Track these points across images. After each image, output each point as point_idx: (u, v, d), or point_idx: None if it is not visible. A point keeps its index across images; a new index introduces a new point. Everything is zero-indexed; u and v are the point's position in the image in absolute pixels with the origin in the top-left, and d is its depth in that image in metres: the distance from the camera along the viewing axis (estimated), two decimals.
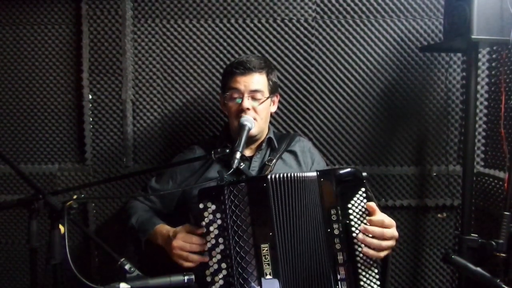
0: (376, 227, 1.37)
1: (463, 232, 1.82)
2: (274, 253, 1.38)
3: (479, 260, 1.66)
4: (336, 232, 1.38)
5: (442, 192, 2.11)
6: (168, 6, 2.09)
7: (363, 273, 1.38)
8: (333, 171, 1.45)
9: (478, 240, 1.71)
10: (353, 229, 1.38)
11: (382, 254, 1.38)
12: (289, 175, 1.43)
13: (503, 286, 1.22)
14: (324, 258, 1.39)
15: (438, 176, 2.11)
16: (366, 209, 1.39)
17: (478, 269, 1.30)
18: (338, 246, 1.38)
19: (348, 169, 1.43)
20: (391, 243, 1.39)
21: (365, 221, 1.39)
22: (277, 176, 1.42)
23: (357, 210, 1.39)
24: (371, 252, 1.36)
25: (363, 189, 1.40)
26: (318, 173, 1.43)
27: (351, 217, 1.38)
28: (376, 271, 1.39)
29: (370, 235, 1.37)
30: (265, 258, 1.38)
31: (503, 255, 1.53)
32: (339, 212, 1.39)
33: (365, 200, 1.39)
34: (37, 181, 2.15)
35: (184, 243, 1.45)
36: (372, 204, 1.39)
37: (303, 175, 1.43)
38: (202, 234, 1.44)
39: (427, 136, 2.11)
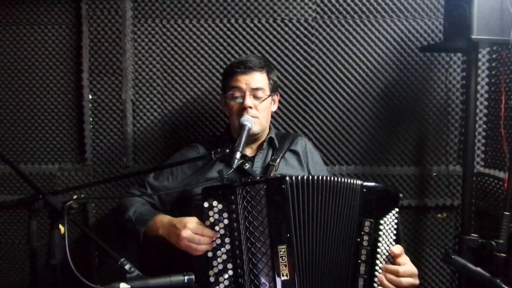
0: (393, 276, 1.40)
1: (463, 232, 1.82)
2: (291, 255, 1.38)
3: (479, 260, 1.66)
4: (365, 243, 1.41)
5: (442, 192, 2.11)
6: (168, 6, 2.09)
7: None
8: (375, 185, 1.47)
9: (478, 240, 1.71)
10: (380, 244, 1.42)
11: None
12: (324, 178, 1.43)
13: (503, 286, 1.22)
14: (348, 265, 1.42)
15: (438, 176, 2.11)
16: (395, 228, 1.43)
17: (478, 269, 1.30)
18: (363, 257, 1.41)
19: (389, 187, 1.49)
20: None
21: (391, 240, 1.43)
22: (294, 178, 1.42)
23: (387, 228, 1.43)
24: (385, 283, 1.41)
25: (396, 209, 1.44)
26: (361, 183, 1.45)
27: (380, 233, 1.42)
28: None
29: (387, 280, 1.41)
30: (282, 259, 1.38)
31: (503, 255, 1.53)
32: (372, 225, 1.42)
33: (396, 220, 1.44)
34: (37, 181, 2.15)
35: (194, 235, 1.42)
36: (396, 249, 1.42)
37: (347, 181, 1.44)
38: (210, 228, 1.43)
39: (427, 136, 2.11)
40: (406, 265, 1.43)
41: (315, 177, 1.44)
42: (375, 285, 1.42)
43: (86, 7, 2.07)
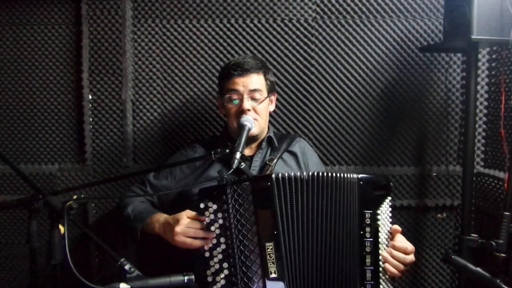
0: (400, 253, 1.43)
1: (463, 232, 1.82)
2: (279, 252, 1.38)
3: (479, 260, 1.65)
4: (367, 235, 1.41)
5: (442, 192, 2.11)
6: (168, 6, 2.09)
7: (383, 277, 1.43)
8: (371, 177, 1.48)
9: (478, 240, 1.71)
10: (379, 234, 1.42)
11: (397, 272, 1.44)
12: (316, 174, 1.42)
13: (503, 286, 1.22)
14: (353, 259, 1.41)
15: (438, 176, 2.11)
16: (390, 216, 1.45)
17: (478, 269, 1.30)
18: (368, 249, 1.41)
19: (383, 177, 1.51)
20: (408, 267, 1.45)
21: (388, 227, 1.44)
22: (281, 175, 1.41)
23: (384, 217, 1.43)
24: (391, 269, 1.43)
25: (389, 198, 1.44)
26: (359, 176, 1.44)
27: (379, 222, 1.42)
28: (390, 276, 1.45)
29: (394, 259, 1.43)
30: (269, 257, 1.37)
31: (503, 255, 1.53)
32: (372, 216, 1.42)
33: (390, 209, 1.45)
34: (37, 181, 2.15)
35: (188, 228, 1.43)
36: (397, 227, 1.46)
37: (344, 176, 1.42)
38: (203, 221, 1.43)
39: (427, 136, 2.11)
40: (409, 244, 1.46)
41: (308, 174, 1.42)
42: (380, 274, 1.42)
43: (86, 7, 2.07)
